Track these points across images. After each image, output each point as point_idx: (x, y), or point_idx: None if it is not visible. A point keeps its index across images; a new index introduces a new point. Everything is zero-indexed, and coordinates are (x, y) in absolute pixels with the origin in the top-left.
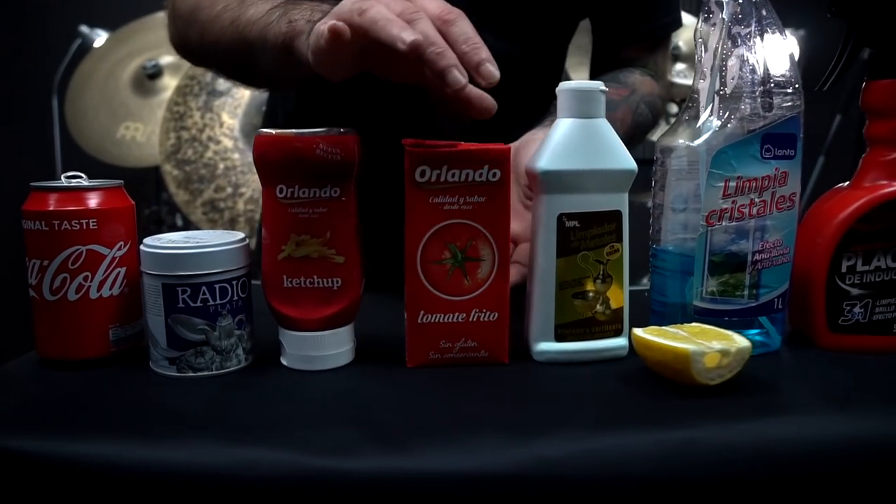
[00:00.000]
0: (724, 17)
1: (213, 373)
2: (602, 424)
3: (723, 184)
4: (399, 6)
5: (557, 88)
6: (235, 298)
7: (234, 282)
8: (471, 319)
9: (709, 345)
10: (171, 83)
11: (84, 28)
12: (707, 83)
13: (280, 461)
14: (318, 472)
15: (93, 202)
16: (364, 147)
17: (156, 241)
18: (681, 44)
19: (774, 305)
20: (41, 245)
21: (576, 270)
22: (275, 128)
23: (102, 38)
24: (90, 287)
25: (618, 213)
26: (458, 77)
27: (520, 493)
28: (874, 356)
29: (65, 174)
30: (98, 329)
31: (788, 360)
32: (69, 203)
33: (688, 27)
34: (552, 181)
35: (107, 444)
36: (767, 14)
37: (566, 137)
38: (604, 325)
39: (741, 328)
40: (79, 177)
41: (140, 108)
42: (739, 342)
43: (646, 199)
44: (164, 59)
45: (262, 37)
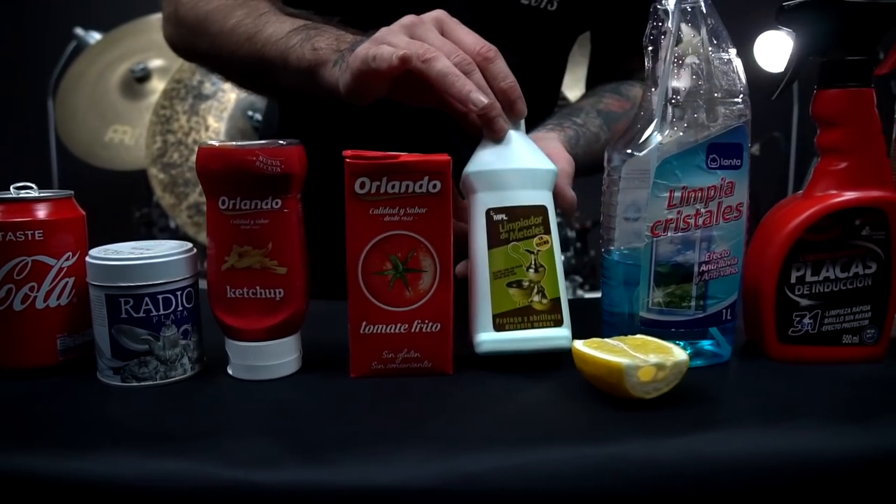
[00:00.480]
0: (671, 27)
1: (158, 382)
2: (533, 439)
3: (668, 194)
4: (447, 47)
5: None
6: (180, 309)
7: (179, 292)
8: (413, 330)
9: (645, 358)
10: (160, 86)
11: (79, 30)
12: (656, 92)
13: (198, 473)
14: (235, 485)
15: (40, 213)
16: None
17: (101, 253)
18: None
19: (723, 317)
20: None
21: (508, 260)
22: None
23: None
24: (36, 297)
25: (543, 208)
26: (502, 125)
27: None
28: (823, 368)
29: (14, 185)
30: (45, 338)
31: (736, 372)
32: (15, 214)
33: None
34: (479, 181)
35: (38, 455)
36: (714, 23)
37: (486, 146)
38: (542, 315)
39: (693, 339)
40: (29, 187)
41: (129, 112)
42: (677, 355)
43: None
44: (153, 63)
45: (283, 58)
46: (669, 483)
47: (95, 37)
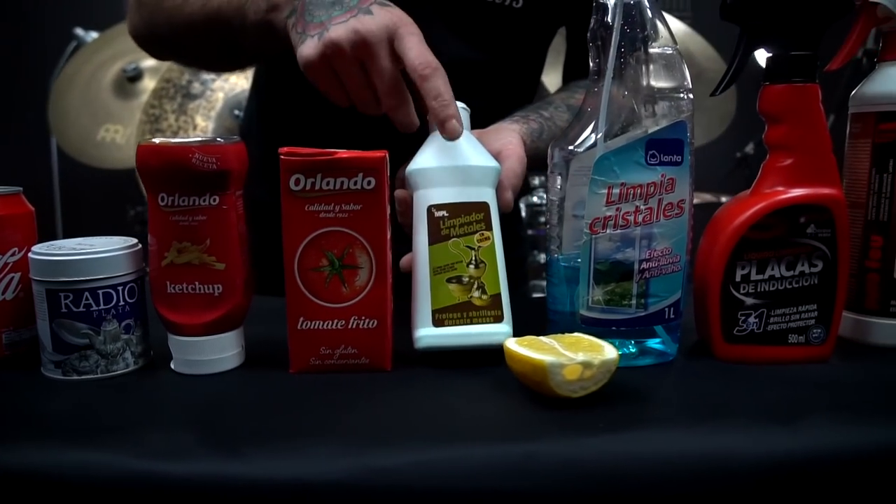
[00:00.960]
0: (610, 21)
1: (99, 376)
2: (450, 435)
3: (606, 191)
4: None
5: None
6: (122, 304)
7: (120, 287)
8: (350, 326)
9: (573, 356)
10: (152, 86)
11: (79, 30)
12: (599, 87)
13: (110, 463)
14: (145, 475)
15: None
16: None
17: (44, 248)
18: None
19: (666, 315)
20: None
21: (448, 256)
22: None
23: None
24: None
25: (485, 205)
26: (456, 126)
27: (346, 503)
28: (767, 368)
29: None
30: None
31: (678, 372)
32: None
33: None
34: (421, 178)
35: None
36: (655, 17)
37: (430, 143)
38: (482, 311)
39: (638, 337)
40: None
41: (121, 111)
42: (607, 354)
43: None
44: (145, 63)
45: (241, 15)
46: (580, 483)
47: (95, 37)
